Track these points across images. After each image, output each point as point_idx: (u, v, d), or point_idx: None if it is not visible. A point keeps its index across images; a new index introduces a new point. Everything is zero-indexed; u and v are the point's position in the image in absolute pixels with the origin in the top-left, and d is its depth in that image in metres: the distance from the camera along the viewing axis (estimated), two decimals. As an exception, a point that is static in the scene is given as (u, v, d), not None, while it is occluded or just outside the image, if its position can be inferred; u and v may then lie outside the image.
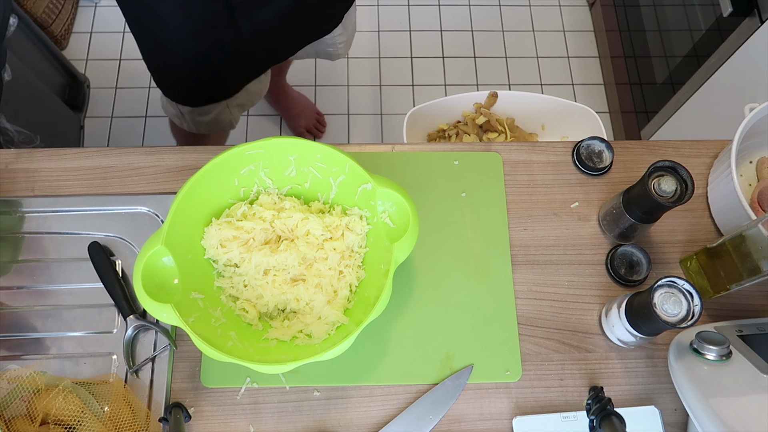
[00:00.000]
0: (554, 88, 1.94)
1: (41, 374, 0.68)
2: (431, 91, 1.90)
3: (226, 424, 0.70)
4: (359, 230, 0.71)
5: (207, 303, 0.68)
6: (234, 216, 0.72)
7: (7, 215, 0.79)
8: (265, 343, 0.67)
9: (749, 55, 1.24)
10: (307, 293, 0.70)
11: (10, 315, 0.75)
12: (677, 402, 0.69)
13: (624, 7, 1.78)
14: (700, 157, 0.85)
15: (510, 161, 0.84)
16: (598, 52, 1.99)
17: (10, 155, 0.82)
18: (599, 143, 0.84)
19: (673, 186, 0.68)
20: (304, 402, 0.71)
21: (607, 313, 0.73)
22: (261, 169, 0.72)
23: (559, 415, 0.70)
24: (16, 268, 0.77)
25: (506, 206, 0.81)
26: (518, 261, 0.78)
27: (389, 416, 0.70)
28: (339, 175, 0.72)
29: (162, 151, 0.83)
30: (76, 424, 0.65)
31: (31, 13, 1.68)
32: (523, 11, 2.05)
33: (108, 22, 1.95)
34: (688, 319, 0.62)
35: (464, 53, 1.97)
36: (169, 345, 0.72)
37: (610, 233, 0.79)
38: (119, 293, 0.73)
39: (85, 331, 0.74)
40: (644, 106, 1.68)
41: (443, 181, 0.82)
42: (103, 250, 0.76)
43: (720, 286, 0.72)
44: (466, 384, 0.72)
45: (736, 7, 1.21)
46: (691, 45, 1.43)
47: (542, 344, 0.74)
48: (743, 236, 0.67)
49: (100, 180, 0.81)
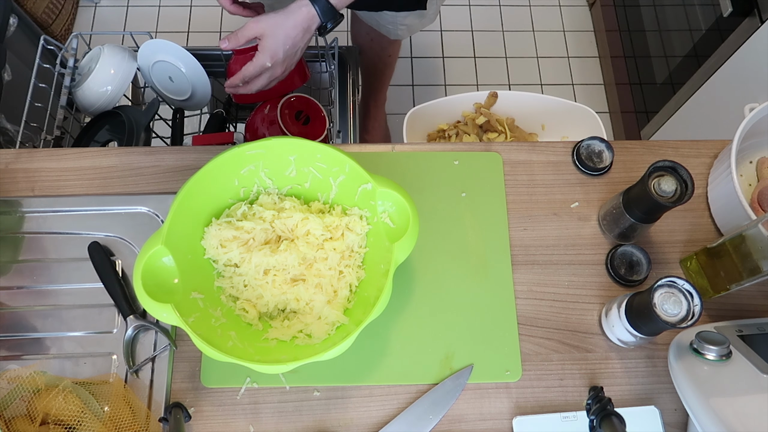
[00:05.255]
0: (554, 88, 1.94)
1: (41, 374, 0.68)
2: (431, 91, 1.91)
3: (226, 424, 0.70)
4: (359, 230, 0.71)
5: (207, 303, 0.68)
6: (234, 216, 0.72)
7: (7, 215, 0.79)
8: (265, 343, 0.67)
9: (749, 55, 1.24)
10: (307, 293, 0.70)
11: (10, 315, 0.75)
12: (677, 402, 0.69)
13: (624, 7, 1.78)
14: (700, 157, 0.85)
15: (510, 161, 0.84)
16: (598, 52, 1.99)
17: (10, 155, 0.82)
18: (599, 143, 0.84)
19: (673, 186, 0.68)
20: (304, 402, 0.71)
21: (607, 313, 0.73)
22: (261, 169, 0.72)
23: (559, 415, 0.70)
24: (16, 268, 0.77)
25: (506, 206, 0.81)
26: (518, 261, 0.78)
27: (389, 416, 0.70)
28: (339, 175, 0.72)
29: (162, 151, 0.83)
30: (76, 424, 0.65)
31: (31, 13, 1.68)
32: (523, 11, 2.05)
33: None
34: (688, 319, 0.62)
35: (464, 53, 1.97)
36: (169, 345, 0.72)
37: (610, 233, 0.79)
38: (119, 293, 0.73)
39: (85, 331, 0.74)
40: (644, 106, 1.68)
41: (443, 181, 0.82)
42: (103, 250, 0.76)
43: (720, 286, 0.72)
44: (466, 384, 0.72)
45: (736, 7, 1.22)
46: (691, 45, 1.43)
47: (542, 344, 0.74)
48: (743, 236, 0.67)
49: (100, 180, 0.81)
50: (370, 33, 1.25)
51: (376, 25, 1.20)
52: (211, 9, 1.98)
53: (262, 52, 0.80)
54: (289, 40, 0.79)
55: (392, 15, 1.14)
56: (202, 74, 1.05)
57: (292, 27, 0.78)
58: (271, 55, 0.80)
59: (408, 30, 1.20)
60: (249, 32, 0.80)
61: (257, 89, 0.85)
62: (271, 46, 0.79)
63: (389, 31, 1.20)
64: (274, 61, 0.80)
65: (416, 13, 1.13)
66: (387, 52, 1.40)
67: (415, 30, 1.21)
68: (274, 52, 0.79)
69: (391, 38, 1.24)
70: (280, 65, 0.82)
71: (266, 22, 0.78)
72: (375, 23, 1.19)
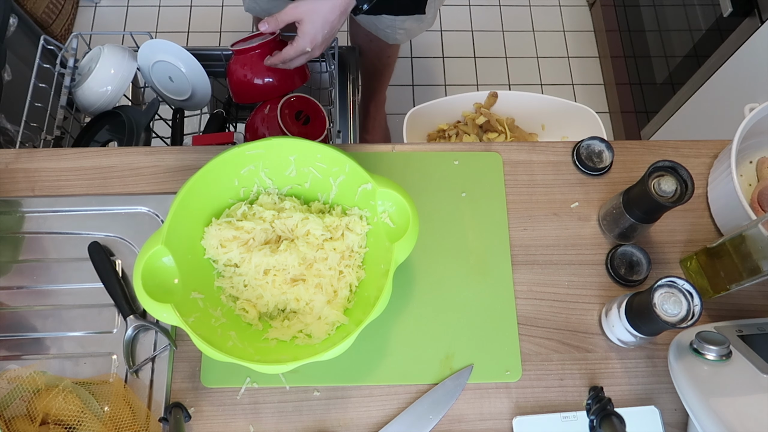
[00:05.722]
0: (554, 88, 1.94)
1: (41, 374, 0.68)
2: (431, 91, 1.91)
3: (226, 424, 0.70)
4: (359, 230, 0.71)
5: (207, 303, 0.68)
6: (234, 216, 0.72)
7: (7, 215, 0.79)
8: (265, 343, 0.67)
9: (749, 55, 1.24)
10: (307, 293, 0.70)
11: (10, 315, 0.75)
12: (677, 402, 0.69)
13: (624, 7, 1.78)
14: (700, 157, 0.85)
15: (510, 161, 0.84)
16: (598, 52, 1.99)
17: (10, 155, 0.82)
18: (599, 143, 0.84)
19: (673, 186, 0.68)
20: (304, 402, 0.71)
21: (607, 313, 0.73)
22: (261, 169, 0.72)
23: (559, 415, 0.70)
24: (16, 268, 0.77)
25: (506, 206, 0.81)
26: (518, 261, 0.78)
27: (389, 416, 0.70)
28: (339, 175, 0.72)
29: (162, 151, 0.84)
30: (76, 424, 0.65)
31: (31, 13, 1.68)
32: (523, 11, 2.05)
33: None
34: (688, 319, 0.62)
35: (464, 53, 1.97)
36: (169, 345, 0.72)
37: (610, 233, 0.79)
38: (119, 293, 0.73)
39: (85, 331, 0.74)
40: (644, 106, 1.68)
41: (443, 181, 0.82)
42: (103, 250, 0.76)
43: (720, 286, 0.72)
44: (466, 384, 0.72)
45: (736, 7, 1.21)
46: (691, 45, 1.43)
47: (542, 344, 0.74)
48: (743, 236, 0.67)
49: (100, 180, 0.81)
50: (369, 35, 1.25)
51: (374, 30, 1.20)
52: (211, 9, 1.99)
53: (302, 36, 0.81)
54: (328, 24, 0.80)
55: (390, 19, 1.14)
56: (202, 74, 1.05)
57: (330, 11, 0.79)
58: (310, 40, 0.81)
59: (407, 34, 1.20)
60: (288, 17, 0.81)
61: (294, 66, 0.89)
62: (310, 30, 0.80)
63: (387, 35, 1.20)
64: (314, 45, 0.82)
65: (414, 17, 1.13)
66: (386, 54, 1.40)
67: (413, 34, 1.21)
68: (314, 36, 0.81)
69: (389, 42, 1.24)
70: (318, 48, 0.84)
71: (305, 6, 0.79)
72: (373, 27, 1.19)
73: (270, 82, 1.00)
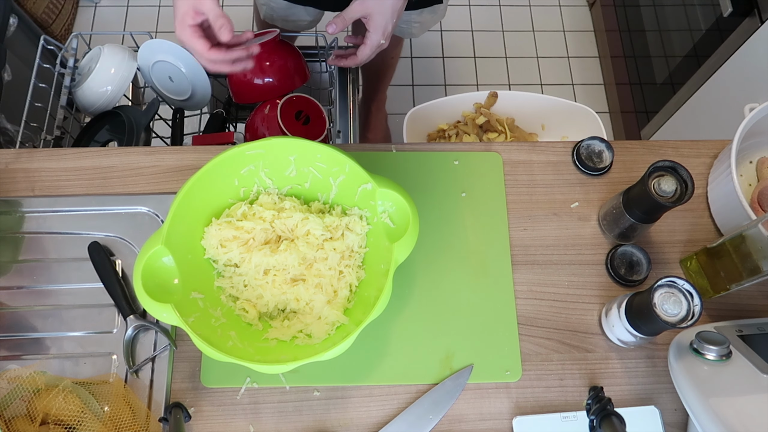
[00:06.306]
0: (554, 88, 1.94)
1: (41, 374, 0.68)
2: (431, 91, 1.91)
3: (226, 424, 0.70)
4: (359, 230, 0.71)
5: (207, 303, 0.68)
6: (234, 216, 0.72)
7: (7, 215, 0.79)
8: (265, 343, 0.67)
9: (749, 55, 1.24)
10: (307, 293, 0.70)
11: (10, 315, 0.75)
12: (677, 402, 0.69)
13: (624, 7, 1.78)
14: (700, 157, 0.85)
15: (510, 161, 0.84)
16: (598, 52, 1.99)
17: (10, 155, 0.82)
18: (599, 143, 0.84)
19: (673, 186, 0.68)
20: (304, 402, 0.71)
21: (607, 313, 0.73)
22: (261, 169, 0.72)
23: (559, 415, 0.70)
24: (16, 268, 0.77)
25: (506, 206, 0.81)
26: (518, 261, 0.78)
27: (389, 416, 0.70)
28: (339, 175, 0.72)
29: (162, 151, 0.84)
30: (76, 424, 0.65)
31: (31, 13, 1.68)
32: (523, 11, 2.05)
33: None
34: (688, 319, 0.62)
35: (464, 53, 1.97)
36: (169, 345, 0.72)
37: (610, 233, 0.79)
38: (119, 293, 0.73)
39: (85, 331, 0.74)
40: (644, 106, 1.68)
41: (443, 181, 0.82)
42: (103, 250, 0.76)
43: (720, 286, 0.72)
44: (466, 384, 0.72)
45: (736, 7, 1.22)
46: (691, 45, 1.43)
47: (542, 344, 0.74)
48: (743, 236, 0.67)
49: (100, 180, 0.81)
50: None
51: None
52: (211, 9, 1.98)
53: (375, 31, 0.80)
54: (395, 13, 0.80)
55: (407, 14, 1.12)
56: (202, 74, 1.05)
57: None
58: (382, 32, 0.81)
59: (421, 27, 1.18)
60: (355, 14, 0.80)
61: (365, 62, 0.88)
62: (380, 23, 0.80)
63: (403, 30, 1.18)
64: (386, 37, 0.82)
65: (430, 9, 1.12)
66: (390, 54, 1.39)
67: (428, 26, 1.20)
68: (384, 27, 0.80)
69: (404, 38, 1.22)
70: (389, 38, 0.83)
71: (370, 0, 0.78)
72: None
73: (270, 82, 1.00)
